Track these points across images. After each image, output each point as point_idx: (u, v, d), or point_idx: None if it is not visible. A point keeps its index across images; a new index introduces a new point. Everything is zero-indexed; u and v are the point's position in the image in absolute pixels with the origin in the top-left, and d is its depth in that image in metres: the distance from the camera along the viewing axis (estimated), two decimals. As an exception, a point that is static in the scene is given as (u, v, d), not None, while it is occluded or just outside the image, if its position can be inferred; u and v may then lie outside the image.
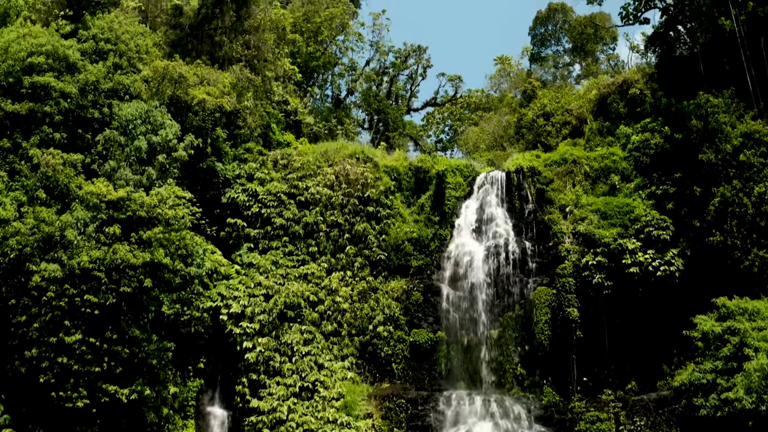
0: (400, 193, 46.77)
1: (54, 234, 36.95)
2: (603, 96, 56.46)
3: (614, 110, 54.27)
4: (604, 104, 55.62)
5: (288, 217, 44.47)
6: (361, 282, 43.26)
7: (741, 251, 41.54)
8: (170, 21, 50.45)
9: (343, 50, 66.17)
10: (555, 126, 60.60)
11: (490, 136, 68.41)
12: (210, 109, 43.73)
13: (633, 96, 52.73)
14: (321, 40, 61.15)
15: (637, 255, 42.39)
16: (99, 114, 43.00)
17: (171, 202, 38.78)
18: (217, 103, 43.66)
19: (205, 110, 43.68)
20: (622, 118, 53.37)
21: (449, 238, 45.44)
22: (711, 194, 42.93)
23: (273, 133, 50.53)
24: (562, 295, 42.47)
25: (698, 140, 44.13)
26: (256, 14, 49.98)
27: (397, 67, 73.84)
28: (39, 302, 35.74)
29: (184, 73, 43.60)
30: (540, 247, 44.24)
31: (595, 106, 57.35)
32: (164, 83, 43.39)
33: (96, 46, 45.55)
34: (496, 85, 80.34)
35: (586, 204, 45.13)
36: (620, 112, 53.77)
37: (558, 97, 63.13)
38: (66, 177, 38.84)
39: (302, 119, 54.09)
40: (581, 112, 58.80)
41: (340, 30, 64.46)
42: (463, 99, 78.37)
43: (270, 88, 51.55)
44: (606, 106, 55.38)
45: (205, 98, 42.88)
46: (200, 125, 44.05)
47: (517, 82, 76.62)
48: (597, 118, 56.71)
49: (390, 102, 71.39)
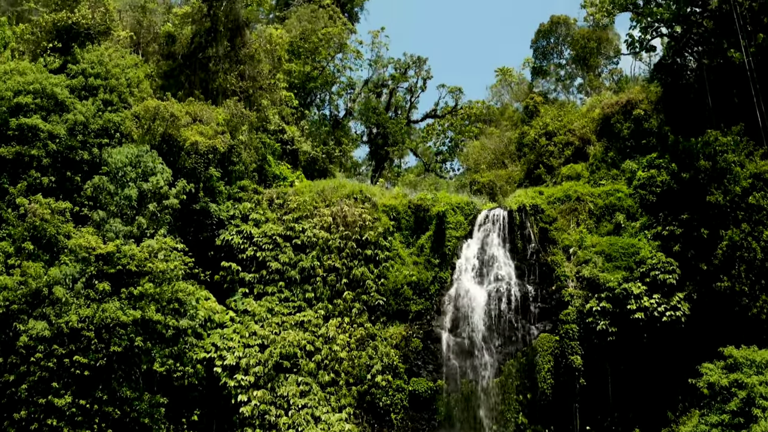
0: (399, 232, 45.92)
1: (42, 289, 36.24)
2: (606, 116, 55.69)
3: (618, 130, 53.38)
4: (608, 125, 54.83)
5: (284, 261, 43.68)
6: (359, 329, 42.53)
7: (749, 298, 40.70)
8: (162, 50, 49.58)
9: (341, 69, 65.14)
10: (557, 146, 59.66)
11: (491, 153, 67.45)
12: (203, 151, 42.76)
13: (637, 116, 51.87)
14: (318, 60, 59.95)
15: (643, 300, 41.58)
16: (88, 155, 42.37)
17: (162, 254, 37.94)
18: (210, 144, 42.82)
19: (198, 152, 42.70)
20: (626, 140, 52.64)
21: (449, 281, 44.63)
22: (719, 237, 41.98)
23: (269, 166, 49.66)
24: (565, 342, 41.75)
25: (706, 180, 43.17)
26: (251, 44, 48.84)
27: (397, 79, 72.80)
28: (27, 361, 35.17)
29: (175, 113, 42.77)
30: (543, 291, 43.45)
31: (598, 125, 56.60)
32: (155, 124, 42.39)
33: (85, 82, 44.87)
34: (497, 96, 79.37)
35: (590, 245, 44.29)
36: (624, 134, 52.91)
37: (560, 115, 62.16)
38: (54, 228, 38.10)
39: (299, 147, 53.15)
40: (584, 132, 57.83)
41: (338, 49, 63.41)
42: (464, 110, 77.27)
43: (266, 117, 50.58)
44: (609, 127, 54.61)
45: (197, 140, 41.92)
46: (193, 167, 43.18)
47: (518, 95, 75.56)
48: (600, 139, 55.94)
49: (389, 115, 70.38)
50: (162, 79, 48.28)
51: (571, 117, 61.26)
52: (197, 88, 47.70)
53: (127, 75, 46.27)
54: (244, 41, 49.29)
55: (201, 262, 43.59)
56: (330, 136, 60.04)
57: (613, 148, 53.95)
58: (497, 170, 66.25)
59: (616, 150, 52.88)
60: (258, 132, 50.06)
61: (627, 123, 53.46)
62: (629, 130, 52.96)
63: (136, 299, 36.87)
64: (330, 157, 58.98)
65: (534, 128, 63.12)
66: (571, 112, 62.80)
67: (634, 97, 54.52)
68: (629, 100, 54.65)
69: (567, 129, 59.92)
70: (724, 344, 39.88)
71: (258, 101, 49.99)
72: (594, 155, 53.21)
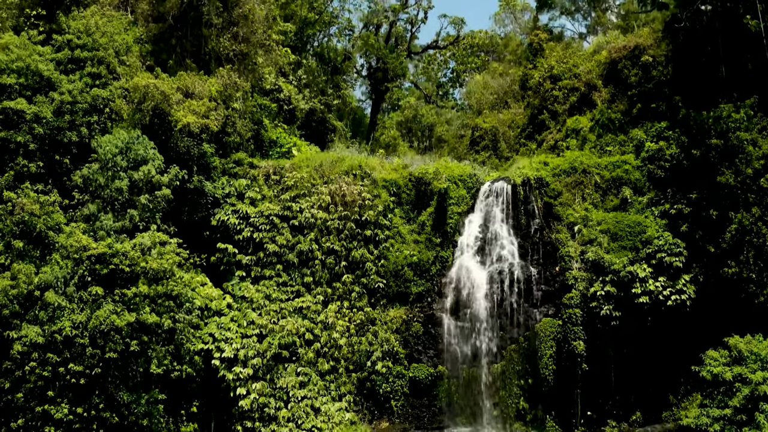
0: (399, 207, 44.99)
1: (33, 292, 35.72)
2: (613, 60, 54.18)
3: (625, 77, 51.98)
4: (615, 70, 53.47)
5: (281, 243, 42.93)
6: (358, 313, 42.16)
7: (756, 285, 40.25)
8: (152, 11, 47.28)
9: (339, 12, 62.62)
10: (562, 91, 58.20)
11: (494, 94, 65.73)
12: (196, 132, 41.38)
13: (645, 63, 50.34)
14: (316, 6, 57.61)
15: (648, 283, 41.04)
16: (77, 136, 41.31)
17: (156, 252, 37.14)
18: (202, 123, 41.32)
19: (191, 133, 41.33)
20: (633, 87, 51.28)
21: (451, 260, 43.97)
22: (728, 219, 41.14)
23: (265, 130, 48.32)
24: (568, 327, 41.48)
25: (717, 159, 42.06)
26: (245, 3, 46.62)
27: (397, 10, 70.22)
28: (22, 367, 34.99)
29: (166, 90, 41.11)
30: (546, 273, 42.87)
31: (605, 70, 55.12)
32: (146, 104, 40.88)
33: (71, 54, 43.16)
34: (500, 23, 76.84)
35: (595, 222, 43.45)
36: (632, 81, 51.57)
37: (566, 56, 60.25)
38: (44, 224, 37.18)
39: (296, 105, 51.53)
40: (590, 78, 56.39)
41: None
42: (466, 40, 74.85)
43: (261, 75, 48.87)
44: (617, 73, 53.21)
45: (189, 122, 40.48)
46: (186, 147, 41.82)
47: (523, 28, 73.17)
48: (607, 86, 54.70)
49: (389, 50, 68.12)
50: (152, 44, 46.37)
51: (577, 59, 59.50)
52: (188, 55, 45.85)
53: (116, 43, 44.43)
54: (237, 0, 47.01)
55: (196, 243, 42.98)
56: (328, 84, 58.22)
57: (619, 97, 52.62)
58: (500, 112, 64.73)
59: (623, 102, 51.47)
60: (253, 93, 48.49)
61: (635, 69, 51.96)
62: (637, 77, 51.53)
63: (130, 300, 36.26)
64: (328, 107, 57.35)
65: (538, 70, 61.27)
66: (576, 54, 60.92)
67: (642, 41, 52.74)
68: (637, 45, 52.92)
69: (572, 73, 58.33)
70: (729, 330, 39.78)
71: (253, 59, 48.09)
72: (600, 111, 51.65)
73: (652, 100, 49.00)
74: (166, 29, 46.53)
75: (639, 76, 51.70)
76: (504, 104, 65.88)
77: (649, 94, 50.46)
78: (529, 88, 62.21)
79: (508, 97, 66.04)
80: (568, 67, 59.10)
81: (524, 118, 61.91)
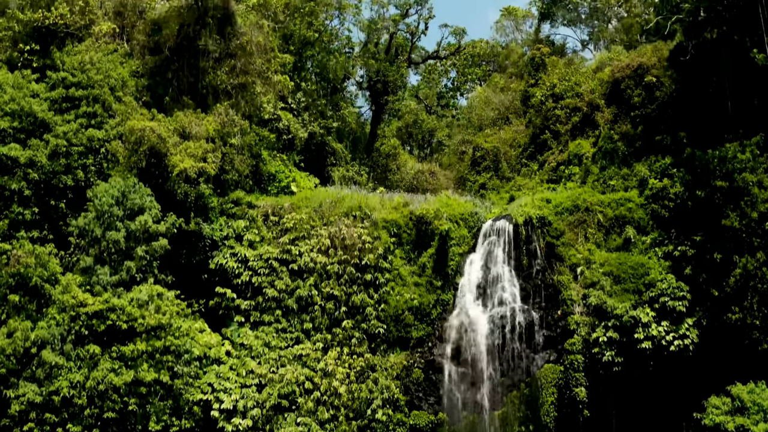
0: (400, 248, 44.72)
1: (30, 349, 35.63)
2: (616, 80, 54.09)
3: (628, 96, 51.81)
4: (618, 90, 53.45)
5: (280, 288, 42.76)
6: (358, 359, 41.99)
7: (760, 331, 40.06)
8: (149, 42, 46.77)
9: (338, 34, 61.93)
10: (564, 110, 57.93)
11: (496, 110, 65.29)
12: (193, 177, 41.05)
13: (649, 83, 50.04)
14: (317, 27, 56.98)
15: (651, 328, 40.92)
16: (72, 180, 41.26)
17: (153, 307, 36.98)
18: (199, 168, 41.01)
19: (188, 179, 41.01)
20: (636, 108, 51.17)
21: (452, 303, 43.80)
22: (732, 263, 40.93)
23: (263, 164, 47.99)
24: (570, 373, 41.42)
25: (722, 201, 41.76)
26: (242, 34, 46.09)
27: (397, 21, 69.56)
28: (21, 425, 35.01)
29: (162, 133, 40.81)
30: (548, 317, 42.72)
31: (607, 89, 54.93)
32: (142, 148, 40.54)
33: (66, 93, 42.81)
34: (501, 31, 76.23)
35: (598, 263, 43.22)
36: (635, 101, 51.48)
37: (568, 74, 59.80)
38: (38, 278, 37.00)
39: (295, 134, 51.10)
40: (593, 97, 56.19)
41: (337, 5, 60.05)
42: (467, 50, 74.18)
43: (260, 105, 48.41)
44: (620, 93, 53.16)
45: (186, 168, 40.15)
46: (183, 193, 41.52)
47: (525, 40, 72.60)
48: (610, 106, 54.37)
49: (388, 64, 67.54)
50: (148, 77, 45.90)
51: (579, 77, 59.12)
52: (186, 89, 45.38)
53: (111, 80, 44.06)
54: (235, 31, 46.44)
55: (194, 286, 42.93)
56: (327, 106, 57.74)
57: (622, 118, 52.36)
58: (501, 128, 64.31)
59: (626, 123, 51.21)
60: (252, 124, 48.05)
61: (638, 90, 51.81)
62: (640, 97, 51.37)
63: (128, 358, 36.15)
64: (328, 130, 56.95)
65: (540, 88, 60.91)
66: (579, 71, 60.46)
67: (645, 60, 52.46)
68: (641, 64, 52.73)
69: (575, 92, 57.98)
70: (732, 376, 39.75)
71: (251, 89, 47.60)
72: (603, 138, 51.23)
73: (655, 123, 48.98)
74: (163, 61, 46.04)
75: (642, 96, 51.62)
76: (505, 120, 65.50)
77: (652, 117, 50.40)
78: (531, 106, 61.85)
79: (510, 112, 65.67)
80: (571, 85, 58.77)
81: (526, 137, 61.57)
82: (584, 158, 53.51)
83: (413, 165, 79.03)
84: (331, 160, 58.25)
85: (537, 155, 59.69)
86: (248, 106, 46.81)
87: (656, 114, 50.54)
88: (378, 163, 72.02)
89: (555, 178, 56.80)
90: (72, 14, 44.78)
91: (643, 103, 52.29)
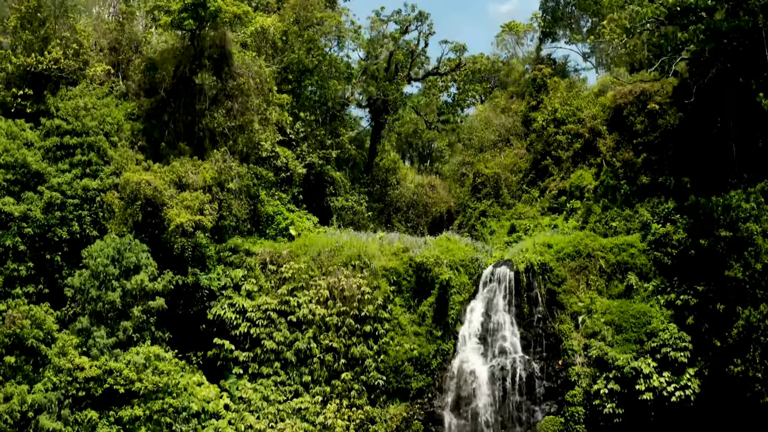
0: (400, 295, 44.54)
1: (27, 413, 35.63)
2: (619, 106, 54.08)
3: (630, 123, 51.88)
4: (620, 117, 53.32)
5: (279, 340, 42.66)
6: (358, 412, 41.92)
7: (762, 384, 40.02)
8: (144, 82, 46.39)
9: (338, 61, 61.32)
10: (566, 136, 57.65)
11: (496, 132, 64.88)
12: (189, 231, 40.81)
13: (652, 111, 49.85)
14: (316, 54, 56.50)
15: (652, 379, 40.85)
16: (67, 233, 40.94)
17: (150, 370, 36.90)
18: (196, 221, 40.79)
19: (185, 233, 40.78)
20: (638, 135, 51.45)
21: (452, 352, 43.65)
22: (735, 314, 40.85)
23: (261, 205, 47.73)
24: (570, 425, 41.59)
25: (725, 251, 41.50)
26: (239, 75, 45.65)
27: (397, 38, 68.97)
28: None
29: (159, 186, 40.54)
30: (549, 368, 42.73)
31: (609, 115, 54.85)
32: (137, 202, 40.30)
33: (60, 141, 42.44)
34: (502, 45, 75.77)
35: (600, 311, 43.03)
36: (637, 129, 51.62)
37: (569, 98, 59.43)
38: (35, 339, 36.89)
39: (294, 170, 50.81)
40: (595, 124, 56.03)
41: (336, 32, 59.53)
42: (468, 66, 73.62)
43: (258, 143, 48.07)
44: (622, 120, 53.14)
45: (182, 222, 39.91)
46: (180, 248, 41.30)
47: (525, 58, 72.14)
48: (612, 132, 54.48)
49: (387, 83, 67.07)
50: (144, 120, 45.58)
51: (581, 102, 58.80)
52: (182, 132, 44.99)
53: (106, 126, 43.81)
54: (232, 72, 45.99)
55: (192, 337, 42.87)
56: (327, 136, 57.40)
57: (624, 145, 52.40)
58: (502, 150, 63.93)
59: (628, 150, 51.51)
60: (248, 163, 47.74)
61: (640, 117, 51.94)
62: (643, 125, 51.54)
63: (126, 422, 36.12)
64: (327, 159, 56.62)
65: (542, 113, 60.60)
66: (580, 95, 60.02)
67: (648, 87, 52.31)
68: (643, 90, 52.69)
69: (577, 118, 57.73)
70: (733, 429, 39.70)
71: (249, 128, 47.23)
72: (605, 171, 50.96)
73: (658, 151, 49.27)
74: (159, 102, 45.71)
75: (645, 124, 51.75)
76: (506, 142, 65.08)
77: (655, 145, 50.61)
78: (533, 130, 61.50)
79: (511, 134, 65.23)
80: (572, 110, 58.54)
81: (527, 163, 61.30)
82: (586, 191, 53.38)
83: (413, 178, 78.97)
84: (330, 189, 57.99)
85: (538, 181, 59.50)
86: (246, 145, 46.47)
87: (659, 142, 50.72)
88: (378, 178, 71.77)
89: (556, 206, 56.72)
90: (66, 58, 44.33)
91: (646, 131, 52.46)
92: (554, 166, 58.50)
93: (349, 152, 60.39)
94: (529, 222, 55.94)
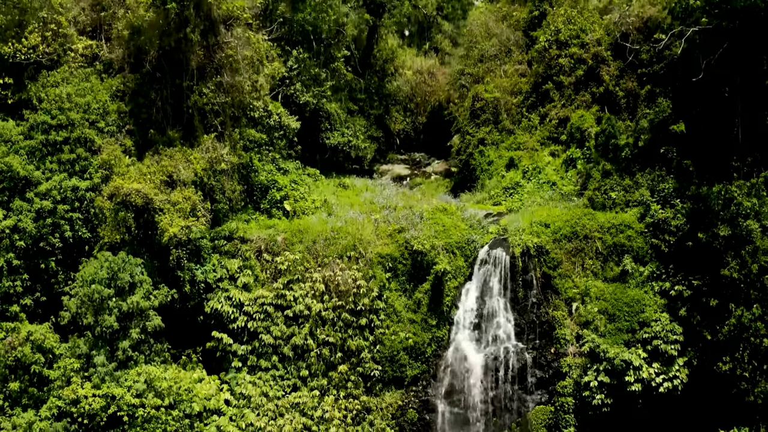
0: (395, 280, 45.02)
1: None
2: (624, 33, 53.45)
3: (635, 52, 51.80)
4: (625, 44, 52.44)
5: (276, 335, 43.67)
6: (354, 402, 43.57)
7: (748, 383, 41.43)
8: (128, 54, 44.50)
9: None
10: (568, 59, 56.31)
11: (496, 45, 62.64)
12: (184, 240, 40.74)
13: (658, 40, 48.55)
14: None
15: (642, 371, 42.28)
16: (60, 240, 40.87)
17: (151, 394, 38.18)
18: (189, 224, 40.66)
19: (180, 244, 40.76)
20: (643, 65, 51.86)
21: (447, 340, 44.66)
22: (728, 311, 41.67)
23: (255, 174, 47.16)
24: (560, 414, 43.38)
25: (723, 247, 41.63)
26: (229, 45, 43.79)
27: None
28: None
29: (149, 194, 40.13)
30: (542, 357, 43.97)
31: (614, 40, 54.16)
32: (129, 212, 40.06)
33: (47, 138, 41.66)
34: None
35: (594, 297, 43.70)
36: (642, 57, 51.84)
37: (573, 16, 57.31)
38: (37, 364, 38.03)
39: (287, 124, 49.66)
40: (599, 50, 54.90)
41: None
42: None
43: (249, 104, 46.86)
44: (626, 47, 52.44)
45: (175, 232, 39.82)
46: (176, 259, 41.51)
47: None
48: (616, 59, 54.48)
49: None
50: (130, 100, 44.12)
51: (584, 22, 56.92)
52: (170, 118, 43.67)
53: (92, 115, 42.64)
54: (219, 42, 44.03)
55: (190, 330, 43.61)
56: (321, 69, 55.49)
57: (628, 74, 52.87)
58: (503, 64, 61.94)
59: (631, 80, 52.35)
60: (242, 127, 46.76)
61: (646, 46, 51.73)
62: (648, 54, 51.59)
63: (130, 447, 37.95)
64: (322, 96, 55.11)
65: (544, 32, 58.54)
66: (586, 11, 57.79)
67: (655, 15, 51.31)
68: (650, 17, 52.07)
69: (580, 41, 56.19)
70: (718, 422, 41.69)
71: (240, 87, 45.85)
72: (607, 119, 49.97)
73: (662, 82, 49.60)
74: (145, 78, 44.03)
75: (650, 54, 51.43)
76: (507, 53, 62.96)
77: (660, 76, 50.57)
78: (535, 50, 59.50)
79: (512, 44, 63.01)
80: (576, 31, 56.76)
81: (528, 85, 59.89)
82: (587, 134, 52.63)
83: (411, 64, 77.07)
84: (325, 125, 56.91)
85: (539, 107, 58.49)
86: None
87: (664, 73, 50.03)
88: (375, 69, 70.22)
89: (556, 135, 56.01)
90: (45, 43, 42.44)
91: (651, 61, 51.58)
92: (555, 91, 57.27)
93: (345, 78, 58.56)
94: (527, 159, 55.30)
